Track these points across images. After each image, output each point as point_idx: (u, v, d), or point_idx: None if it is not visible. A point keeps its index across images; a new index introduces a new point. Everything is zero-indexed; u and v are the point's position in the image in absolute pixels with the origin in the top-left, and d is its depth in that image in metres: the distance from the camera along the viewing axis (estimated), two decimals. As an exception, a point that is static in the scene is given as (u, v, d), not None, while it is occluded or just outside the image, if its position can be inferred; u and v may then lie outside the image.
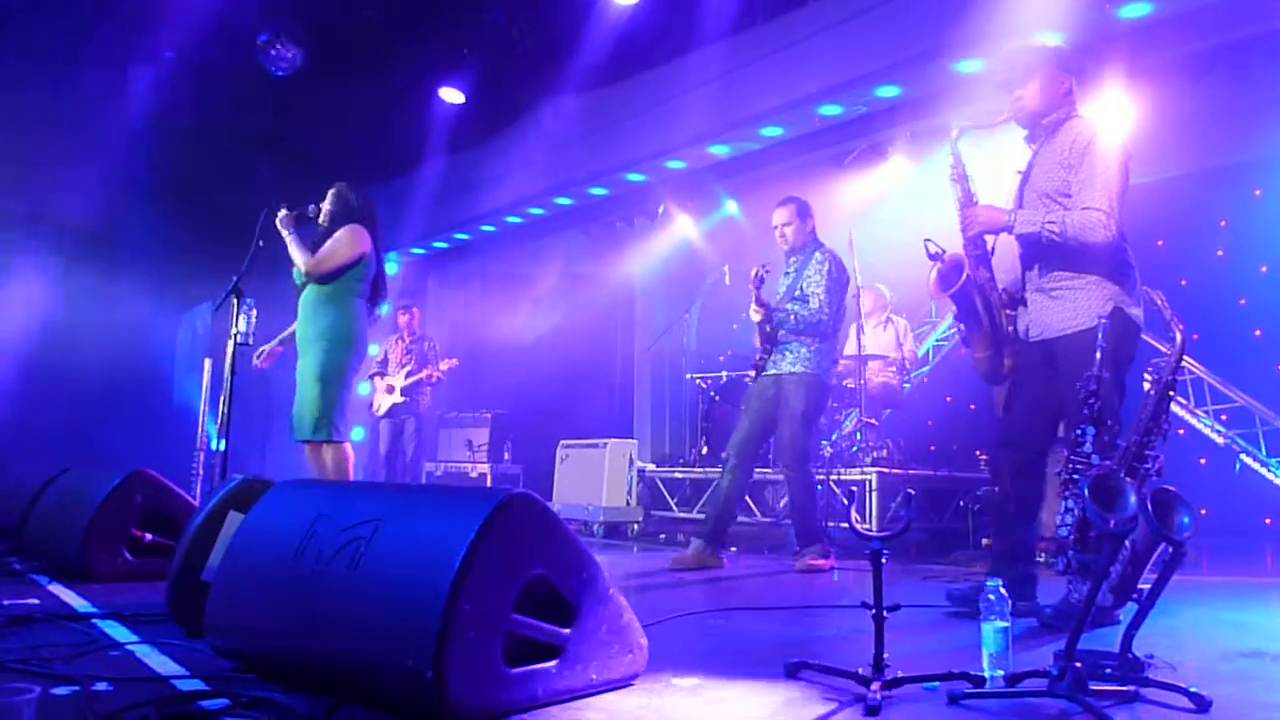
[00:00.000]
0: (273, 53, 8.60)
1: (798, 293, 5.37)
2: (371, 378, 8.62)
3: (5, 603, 3.43)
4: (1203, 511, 5.91)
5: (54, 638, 2.80)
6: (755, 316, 5.47)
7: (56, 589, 3.94)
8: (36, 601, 3.57)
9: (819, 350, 5.31)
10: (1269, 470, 6.78)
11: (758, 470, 7.41)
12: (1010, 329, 3.65)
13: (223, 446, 4.72)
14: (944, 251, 3.69)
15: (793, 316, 5.32)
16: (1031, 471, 3.65)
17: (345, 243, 4.81)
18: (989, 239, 3.67)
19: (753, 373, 5.55)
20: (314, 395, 4.70)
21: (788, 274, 5.52)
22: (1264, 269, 7.34)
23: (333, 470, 4.74)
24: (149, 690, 2.23)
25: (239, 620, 2.46)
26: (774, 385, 5.37)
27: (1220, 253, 7.54)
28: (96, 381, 9.34)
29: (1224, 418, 7.06)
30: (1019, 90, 3.63)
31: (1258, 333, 7.29)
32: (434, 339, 8.94)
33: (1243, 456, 6.86)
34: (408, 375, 8.44)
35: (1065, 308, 3.46)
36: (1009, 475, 3.71)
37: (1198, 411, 7.08)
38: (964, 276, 3.55)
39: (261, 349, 5.28)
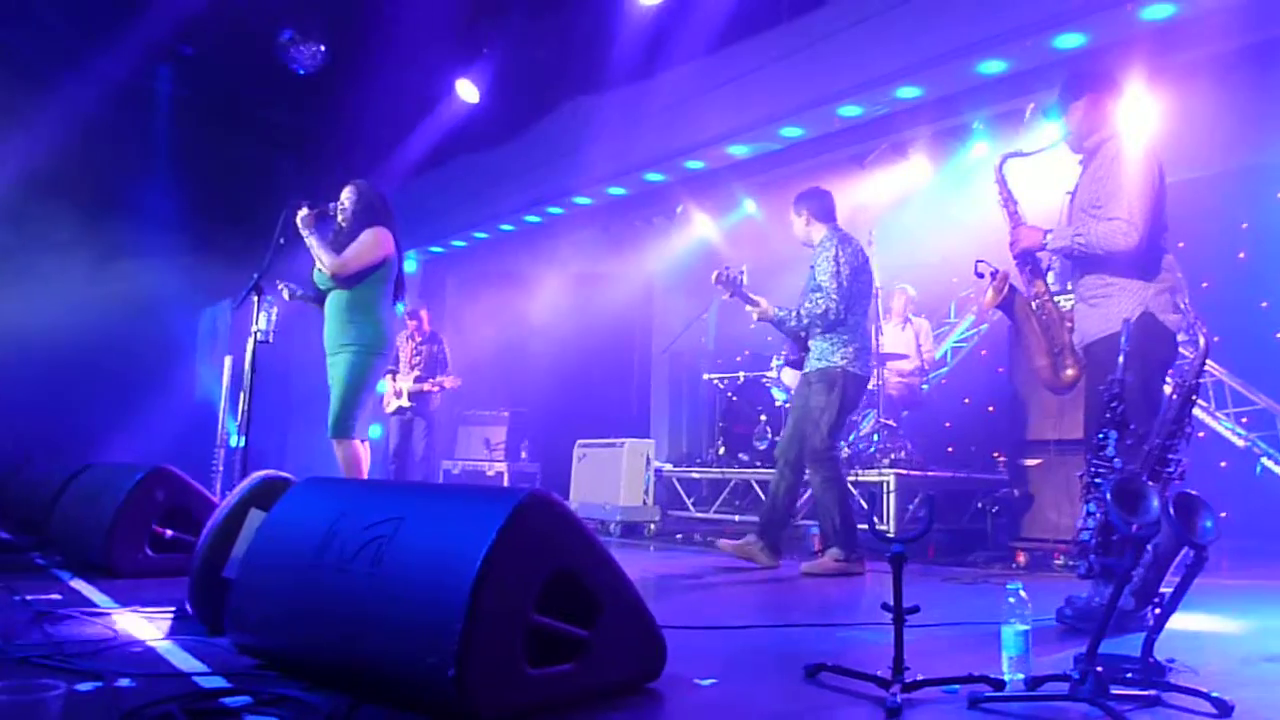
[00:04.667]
0: (294, 51, 8.64)
1: (812, 284, 5.29)
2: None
3: (29, 598, 3.45)
4: (1223, 514, 5.86)
5: (76, 633, 2.83)
6: (755, 316, 5.44)
7: (79, 584, 3.98)
8: (59, 597, 3.60)
9: (837, 340, 5.20)
10: (1290, 474, 6.72)
11: (773, 470, 7.42)
12: (1069, 339, 3.83)
13: (243, 444, 4.74)
14: (996, 270, 3.92)
15: (794, 314, 5.26)
16: None
17: (370, 244, 4.84)
18: (1042, 256, 3.89)
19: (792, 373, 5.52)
20: (340, 398, 4.80)
21: (812, 266, 5.43)
22: (1287, 272, 7.28)
23: (344, 467, 4.80)
24: (171, 686, 2.24)
25: (260, 617, 2.48)
26: (805, 384, 5.32)
27: (1242, 255, 7.47)
28: (117, 378, 9.41)
29: (1245, 420, 7.00)
30: (1066, 115, 3.80)
31: (1279, 335, 7.23)
32: (444, 340, 8.87)
33: (1264, 459, 6.79)
34: (415, 380, 8.43)
35: (1098, 314, 3.58)
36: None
37: (1218, 414, 7.02)
38: (1006, 289, 3.80)
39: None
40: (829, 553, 5.13)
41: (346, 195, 5.01)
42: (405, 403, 8.36)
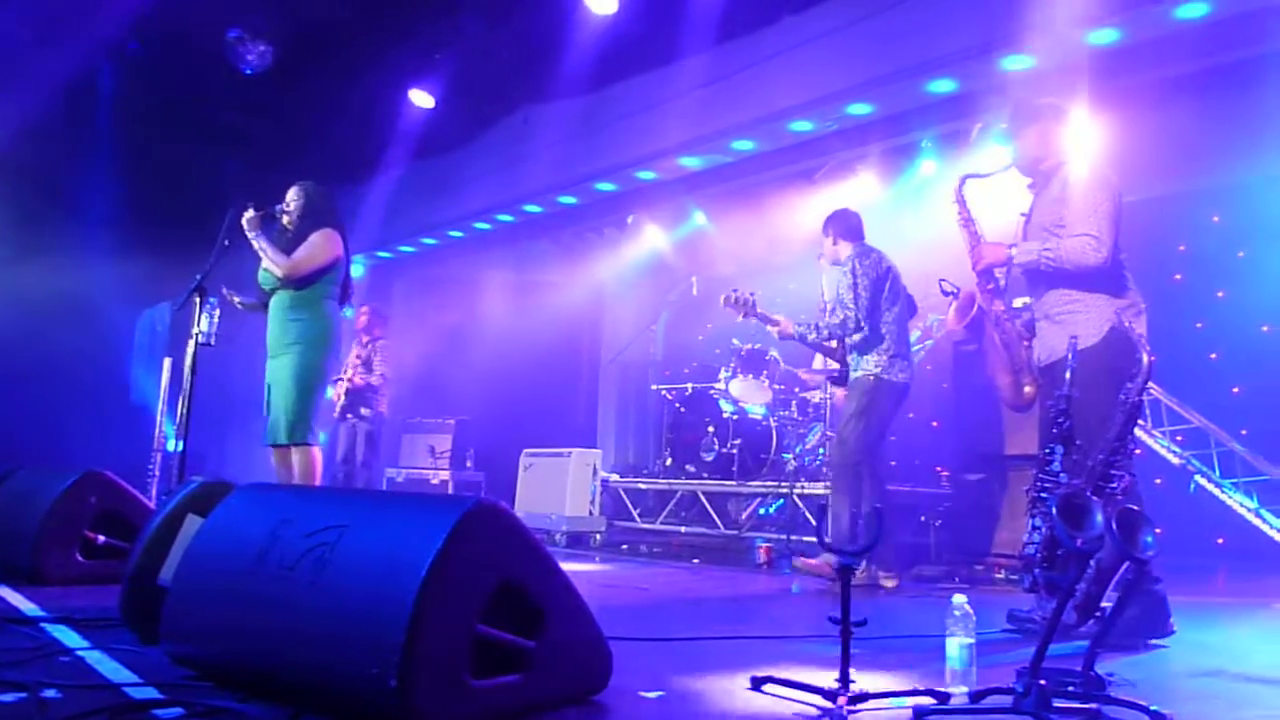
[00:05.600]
0: (241, 50, 8.50)
1: (836, 299, 5.33)
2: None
3: (-49, 604, 3.33)
4: (1157, 530, 5.98)
5: (1, 642, 2.73)
6: (776, 334, 5.46)
7: (4, 591, 3.85)
8: (-16, 604, 3.48)
9: (870, 352, 5.22)
10: (1222, 491, 6.87)
11: (720, 481, 7.44)
12: (1028, 357, 3.89)
13: (180, 448, 4.63)
14: (958, 289, 4.03)
15: (812, 327, 5.30)
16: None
17: (321, 246, 4.77)
18: (999, 274, 3.93)
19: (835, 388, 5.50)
20: (291, 400, 4.65)
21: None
22: (1220, 294, 7.46)
23: (300, 474, 4.68)
24: (100, 698, 2.17)
25: (196, 626, 2.41)
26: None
27: (1178, 277, 7.64)
28: (51, 379, 9.16)
29: (1180, 439, 7.14)
30: (1017, 141, 3.90)
31: (1214, 356, 7.40)
32: (388, 343, 8.75)
33: (1197, 477, 6.93)
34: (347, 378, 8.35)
35: (1065, 331, 3.59)
36: None
37: (1154, 432, 7.16)
38: (975, 308, 3.86)
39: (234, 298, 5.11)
40: (824, 557, 5.05)
41: (291, 196, 4.92)
42: (341, 400, 8.28)
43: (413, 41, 8.76)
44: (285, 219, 4.89)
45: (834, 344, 5.39)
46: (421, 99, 9.25)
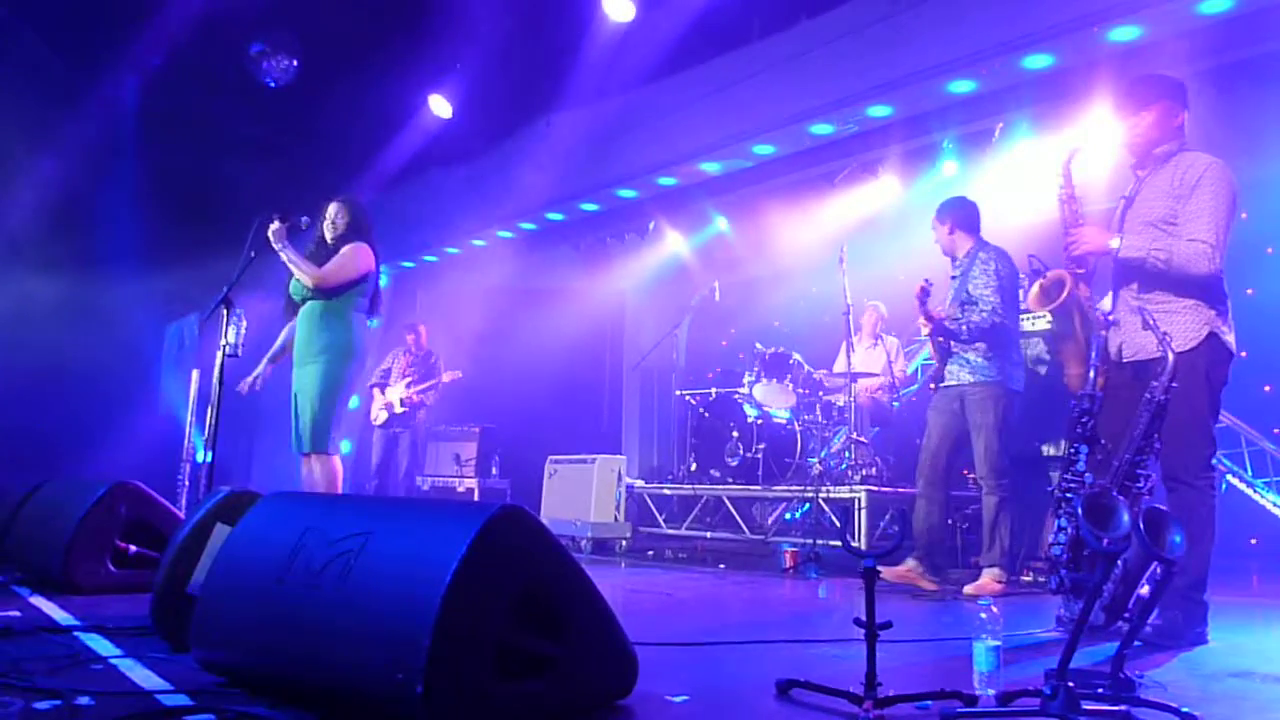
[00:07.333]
0: (265, 63, 8.60)
1: (964, 296, 5.09)
2: (371, 389, 8.68)
3: (-14, 614, 3.38)
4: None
5: (35, 650, 2.76)
6: (924, 330, 5.27)
7: (38, 601, 3.90)
8: (18, 614, 3.52)
9: (997, 356, 5.01)
10: (1254, 491, 6.81)
11: (744, 486, 7.43)
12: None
13: (209, 458, 4.67)
14: (1047, 267, 3.80)
15: (964, 326, 5.04)
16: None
17: (353, 259, 4.87)
18: (1090, 259, 3.73)
19: (932, 385, 5.35)
20: (315, 408, 4.74)
21: (954, 277, 5.25)
22: (1250, 291, 7.37)
23: (322, 483, 4.73)
24: (132, 704, 2.19)
25: (225, 633, 2.43)
26: (958, 398, 5.11)
27: (1206, 274, 7.57)
28: (81, 391, 9.28)
29: (1210, 438, 7.07)
30: (1133, 118, 3.65)
31: (1244, 354, 7.28)
32: (438, 354, 8.99)
33: (1229, 477, 6.87)
34: (408, 385, 8.50)
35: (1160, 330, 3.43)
36: None
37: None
38: (1065, 293, 3.67)
39: (248, 379, 5.29)
40: (989, 573, 4.92)
41: (335, 211, 5.02)
42: (399, 409, 8.43)
43: (434, 51, 8.83)
44: (329, 233, 4.99)
45: (980, 345, 5.07)
46: (439, 107, 9.31)
